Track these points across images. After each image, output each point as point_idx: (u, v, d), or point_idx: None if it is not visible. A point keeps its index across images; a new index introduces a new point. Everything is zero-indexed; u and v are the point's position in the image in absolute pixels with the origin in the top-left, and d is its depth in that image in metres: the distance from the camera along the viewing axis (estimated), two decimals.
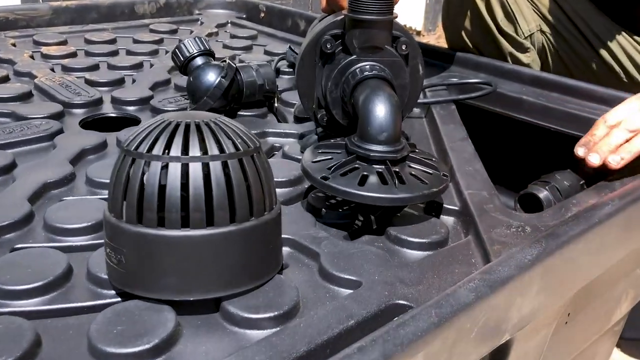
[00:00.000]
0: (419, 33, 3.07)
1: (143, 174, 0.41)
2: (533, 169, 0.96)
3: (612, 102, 0.85)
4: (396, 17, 0.62)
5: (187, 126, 0.42)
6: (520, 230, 0.52)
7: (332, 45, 0.63)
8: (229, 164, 0.42)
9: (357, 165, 0.55)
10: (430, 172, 0.56)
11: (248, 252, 0.43)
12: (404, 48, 0.64)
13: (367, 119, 0.56)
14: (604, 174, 0.89)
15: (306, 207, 0.59)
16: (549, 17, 1.03)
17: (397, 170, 0.55)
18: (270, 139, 0.77)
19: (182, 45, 0.81)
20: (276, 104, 0.89)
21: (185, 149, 0.41)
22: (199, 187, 0.41)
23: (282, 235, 0.52)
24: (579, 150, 0.68)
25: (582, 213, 0.51)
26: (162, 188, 0.41)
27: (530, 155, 0.98)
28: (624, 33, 1.02)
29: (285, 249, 0.52)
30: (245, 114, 0.83)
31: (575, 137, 0.86)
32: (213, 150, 0.41)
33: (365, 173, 0.54)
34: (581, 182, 0.90)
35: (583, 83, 0.89)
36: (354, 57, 0.62)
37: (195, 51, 0.81)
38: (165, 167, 0.41)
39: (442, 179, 0.55)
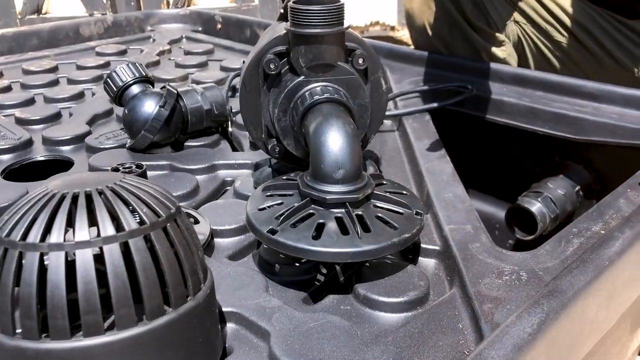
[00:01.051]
0: (393, 28, 2.98)
1: (19, 268, 0.31)
2: (522, 177, 0.87)
3: (601, 98, 0.77)
4: (348, 27, 0.52)
5: (75, 199, 0.33)
6: (515, 279, 0.43)
7: (277, 65, 0.53)
8: (130, 245, 0.32)
9: (311, 212, 0.45)
10: (401, 211, 0.47)
11: (167, 357, 0.33)
12: (360, 62, 0.54)
13: (320, 154, 0.46)
14: (601, 178, 0.80)
15: (257, 262, 0.49)
16: (523, 6, 0.94)
17: (360, 213, 0.45)
18: (221, 173, 0.67)
19: (114, 73, 0.71)
20: (230, 129, 0.79)
21: (69, 227, 0.31)
22: (90, 282, 0.31)
23: (226, 308, 0.43)
24: None
25: (588, 251, 0.42)
26: (44, 286, 0.31)
27: (518, 162, 0.89)
28: (606, 16, 0.93)
29: (230, 327, 0.42)
30: (192, 144, 0.73)
31: (565, 139, 0.77)
32: (107, 229, 0.32)
33: (321, 221, 0.44)
34: (576, 189, 0.81)
35: (569, 78, 0.80)
36: (302, 78, 0.52)
37: (130, 79, 0.71)
38: (50, 256, 0.31)
39: (415, 219, 0.46)
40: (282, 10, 0.68)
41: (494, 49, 0.93)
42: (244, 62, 0.94)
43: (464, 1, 0.91)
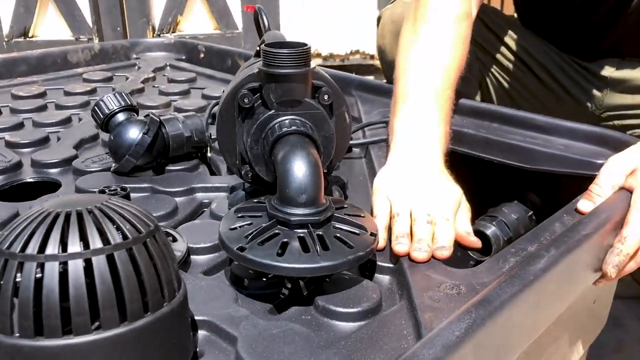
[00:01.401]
0: (372, 57, 3.08)
1: (21, 273, 0.37)
2: (480, 202, 0.93)
3: (550, 131, 0.84)
4: (314, 68, 0.59)
5: (67, 217, 0.38)
6: (455, 292, 0.48)
7: (250, 100, 0.59)
8: (115, 257, 0.37)
9: (277, 231, 0.51)
10: (357, 232, 0.53)
11: (146, 354, 0.38)
12: (326, 98, 0.60)
13: (286, 180, 0.52)
14: (553, 204, 0.86)
15: (229, 277, 0.55)
16: (487, 47, 1.01)
17: (321, 233, 0.51)
18: (199, 195, 0.72)
19: (101, 102, 0.77)
20: (209, 154, 0.85)
21: (63, 245, 0.37)
22: (80, 287, 0.36)
23: (199, 317, 0.48)
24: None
25: (516, 267, 0.48)
26: (40, 291, 0.36)
27: (476, 188, 0.96)
28: (564, 57, 1.01)
29: (202, 333, 0.47)
30: (173, 168, 0.78)
31: (518, 167, 0.84)
32: (96, 242, 0.37)
33: (285, 240, 0.50)
34: (529, 214, 0.88)
35: (521, 112, 0.87)
36: (272, 111, 0.59)
37: (116, 107, 0.76)
38: (42, 267, 0.36)
39: (370, 239, 0.52)
40: (258, 48, 0.75)
41: (459, 85, 1.00)
42: (223, 91, 1.00)
43: None
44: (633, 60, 0.96)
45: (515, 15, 1.10)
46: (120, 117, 0.76)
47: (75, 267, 0.36)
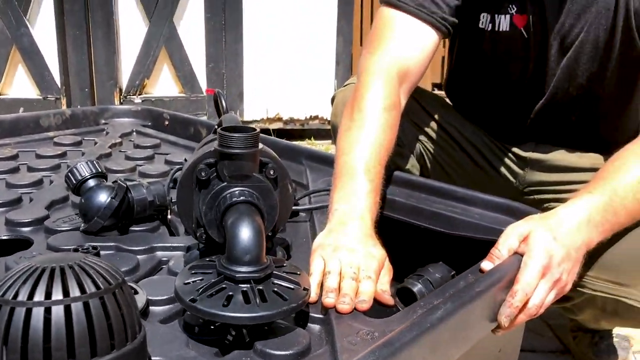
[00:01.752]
0: (330, 122, 3.25)
1: (10, 320, 0.46)
2: (410, 262, 1.05)
3: (469, 201, 0.97)
4: (262, 148, 0.71)
5: (52, 271, 0.48)
6: (370, 337, 0.59)
7: (207, 173, 0.70)
8: (90, 304, 0.47)
9: (224, 286, 0.61)
10: (292, 287, 0.63)
11: None
12: (271, 173, 0.72)
13: (233, 242, 0.62)
14: (468, 264, 0.99)
15: (182, 325, 0.64)
16: (426, 129, 1.16)
17: (261, 287, 0.61)
18: (159, 254, 0.82)
19: (74, 169, 0.86)
20: (169, 216, 0.94)
21: (48, 294, 0.46)
22: (60, 327, 0.45)
23: (155, 357, 0.57)
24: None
25: (419, 317, 0.59)
26: (27, 332, 0.45)
27: (407, 250, 1.08)
28: (493, 139, 1.16)
29: None
30: (136, 229, 0.88)
31: (442, 233, 0.96)
32: (75, 292, 0.47)
33: (230, 293, 0.60)
34: (452, 273, 1.00)
35: (445, 184, 1.00)
36: (225, 184, 0.70)
37: (87, 174, 0.86)
38: (30, 312, 0.46)
39: (303, 293, 0.62)
40: (216, 126, 0.87)
41: (400, 161, 1.13)
42: (185, 160, 1.11)
43: None
44: (546, 145, 1.11)
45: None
46: (91, 182, 0.86)
47: (58, 311, 0.46)
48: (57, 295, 0.46)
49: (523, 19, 1.01)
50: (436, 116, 1.16)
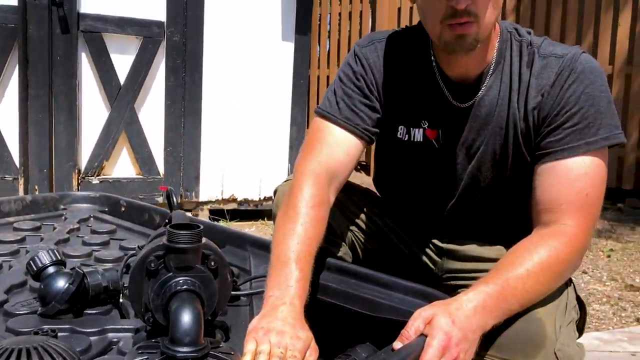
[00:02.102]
0: None
1: None
2: (339, 342, 1.16)
3: (392, 287, 1.09)
4: (204, 242, 0.83)
5: (19, 352, 0.58)
6: None
7: (155, 264, 0.82)
8: None
9: None
10: None
11: None
12: (212, 264, 0.84)
13: (175, 326, 0.73)
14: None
15: None
16: (357, 221, 1.30)
17: None
18: (110, 335, 0.91)
19: (36, 257, 0.96)
20: (121, 300, 1.04)
21: None
22: None
23: None
24: None
25: None
26: None
27: (340, 332, 1.19)
28: (416, 233, 1.31)
29: None
30: (90, 312, 0.97)
31: (368, 316, 1.08)
32: None
33: None
34: (377, 352, 1.11)
35: (371, 271, 1.13)
36: (171, 274, 0.81)
37: (48, 262, 0.96)
38: None
39: None
40: (166, 221, 0.98)
41: (334, 249, 1.26)
42: (138, 247, 1.21)
43: None
44: (460, 237, 1.27)
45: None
46: (51, 269, 0.96)
47: None
48: None
49: (434, 133, 1.19)
50: (366, 209, 1.31)
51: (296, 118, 3.64)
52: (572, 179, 1.04)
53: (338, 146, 1.14)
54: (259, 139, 3.55)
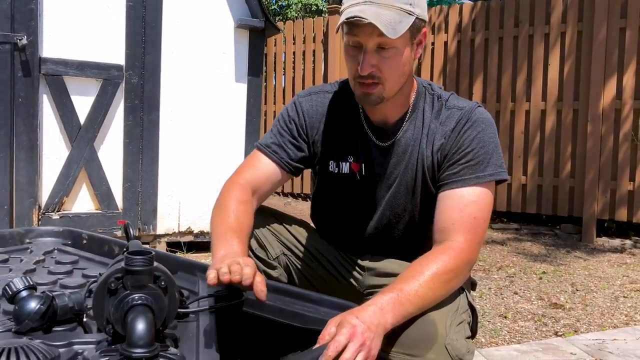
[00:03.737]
0: None
1: None
2: (279, 353, 1.35)
3: (318, 302, 1.29)
4: (156, 266, 1.01)
5: (9, 350, 0.75)
6: None
7: (115, 284, 1.00)
8: None
9: None
10: None
11: None
12: (162, 284, 1.03)
13: (131, 332, 0.91)
14: None
15: None
16: (289, 244, 1.50)
17: None
18: (76, 347, 1.07)
19: (11, 282, 1.13)
20: (85, 319, 1.21)
21: None
22: None
23: None
24: None
25: None
26: None
27: (276, 343, 1.38)
28: (342, 254, 1.52)
29: None
30: (58, 329, 1.13)
31: (301, 328, 1.27)
32: None
33: None
34: None
35: (301, 290, 1.33)
36: (128, 291, 0.99)
37: (21, 287, 1.13)
38: None
39: None
40: (124, 250, 1.17)
41: (270, 271, 1.46)
42: (100, 274, 1.39)
43: (251, 242, 1.45)
44: (379, 256, 1.48)
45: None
46: (24, 293, 1.12)
47: None
48: None
49: (357, 166, 1.42)
50: (299, 237, 1.52)
51: (249, 153, 3.84)
52: (463, 204, 1.28)
53: (262, 170, 1.43)
54: (214, 173, 3.73)
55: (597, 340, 2.40)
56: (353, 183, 1.44)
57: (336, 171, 1.45)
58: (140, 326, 0.92)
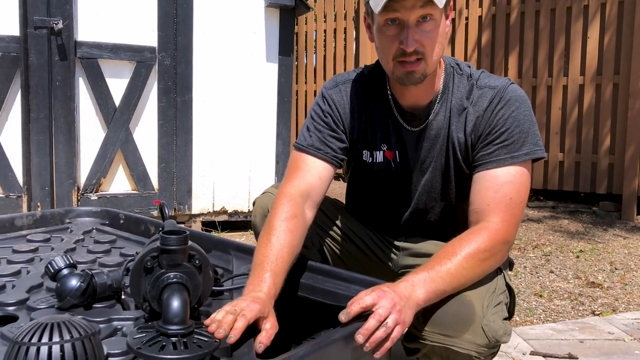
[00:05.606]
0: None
1: (26, 355, 0.76)
2: (312, 329, 1.36)
3: (350, 280, 1.30)
4: (190, 245, 1.04)
5: (52, 324, 0.78)
6: None
7: (151, 263, 1.03)
8: (75, 345, 0.77)
9: (159, 339, 0.92)
10: (207, 340, 0.94)
11: None
12: (197, 262, 1.05)
13: (167, 310, 0.94)
14: None
15: None
16: (323, 226, 1.51)
17: (185, 340, 0.92)
18: (115, 323, 1.11)
19: (52, 261, 1.17)
20: (123, 296, 1.24)
21: (50, 336, 0.77)
22: (57, 357, 0.76)
23: None
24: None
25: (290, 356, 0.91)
26: None
27: (309, 319, 1.39)
28: (376, 233, 1.52)
29: None
30: (98, 306, 1.17)
31: (333, 306, 1.28)
32: (65, 336, 0.77)
33: (164, 343, 0.91)
34: None
35: (333, 268, 1.34)
36: (163, 270, 1.02)
37: (62, 265, 1.17)
38: (40, 348, 0.76)
39: (214, 344, 0.93)
40: (160, 229, 1.19)
41: (304, 251, 1.47)
42: (136, 253, 1.42)
43: None
44: (415, 237, 1.48)
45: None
46: (65, 271, 1.16)
47: (55, 349, 0.76)
48: (56, 338, 0.77)
49: (391, 154, 1.41)
50: (333, 218, 1.52)
51: (281, 133, 3.86)
52: (498, 184, 1.26)
53: (310, 172, 1.36)
54: (246, 154, 3.77)
55: (636, 320, 2.35)
56: (388, 172, 1.43)
57: (370, 160, 1.44)
58: (175, 304, 0.94)
